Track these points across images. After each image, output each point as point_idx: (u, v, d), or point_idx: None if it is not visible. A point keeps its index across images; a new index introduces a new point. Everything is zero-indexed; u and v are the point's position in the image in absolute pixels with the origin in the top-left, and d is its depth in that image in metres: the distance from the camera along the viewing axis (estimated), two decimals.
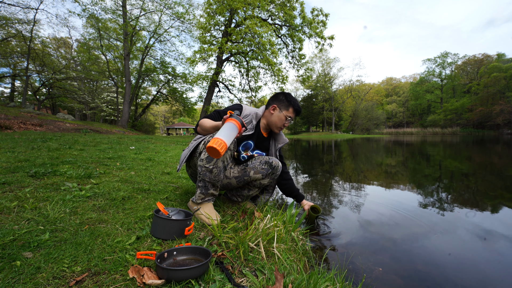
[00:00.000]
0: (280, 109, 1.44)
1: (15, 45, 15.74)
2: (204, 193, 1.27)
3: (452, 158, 6.44)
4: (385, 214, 2.05)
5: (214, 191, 1.29)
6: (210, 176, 1.23)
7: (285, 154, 8.35)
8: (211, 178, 1.23)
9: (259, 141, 1.49)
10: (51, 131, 6.93)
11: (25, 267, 0.72)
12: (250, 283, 0.78)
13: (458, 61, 43.86)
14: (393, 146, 11.72)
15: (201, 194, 1.27)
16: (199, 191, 1.28)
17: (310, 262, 1.16)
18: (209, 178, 1.23)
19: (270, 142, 1.58)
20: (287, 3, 13.02)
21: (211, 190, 1.27)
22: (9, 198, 1.22)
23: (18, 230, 0.92)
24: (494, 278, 1.18)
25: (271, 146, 1.58)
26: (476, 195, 2.71)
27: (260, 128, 1.49)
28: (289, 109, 1.44)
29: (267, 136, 1.55)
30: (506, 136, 23.59)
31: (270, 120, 1.47)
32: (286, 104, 1.44)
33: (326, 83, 44.11)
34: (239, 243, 0.96)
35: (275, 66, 12.99)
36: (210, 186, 1.26)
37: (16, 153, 2.46)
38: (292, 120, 1.48)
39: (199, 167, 1.24)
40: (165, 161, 3.16)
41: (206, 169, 1.21)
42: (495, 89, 32.56)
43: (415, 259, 1.32)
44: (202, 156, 1.23)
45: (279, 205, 2.19)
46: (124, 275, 0.74)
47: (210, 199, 1.31)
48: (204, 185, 1.26)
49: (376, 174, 4.22)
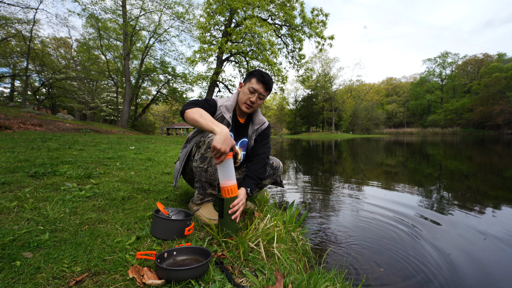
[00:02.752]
0: (245, 83, 1.34)
1: (14, 45, 15.73)
2: (202, 194, 1.27)
3: (453, 158, 6.44)
4: (385, 214, 2.05)
5: (212, 191, 1.29)
6: (206, 175, 1.21)
7: (285, 154, 8.34)
8: (207, 177, 1.22)
9: (238, 130, 1.38)
10: (51, 131, 6.93)
11: (25, 267, 0.71)
12: (250, 283, 0.78)
13: (459, 61, 43.97)
14: (393, 146, 11.71)
15: (199, 195, 1.28)
16: (197, 192, 1.28)
17: (310, 262, 1.16)
18: (205, 178, 1.22)
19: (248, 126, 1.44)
20: (287, 3, 13.01)
21: (209, 190, 1.27)
22: (9, 198, 1.21)
23: (18, 230, 0.92)
24: (494, 278, 1.18)
25: (249, 130, 1.43)
26: (476, 195, 2.71)
27: (237, 116, 1.39)
28: (251, 79, 1.29)
29: (245, 121, 1.42)
30: (506, 136, 23.64)
31: (239, 99, 1.34)
32: (248, 75, 1.32)
33: (326, 83, 44.13)
34: (239, 243, 0.96)
35: (275, 66, 12.99)
36: (207, 186, 1.26)
37: (16, 153, 2.46)
38: (260, 96, 1.30)
39: (195, 168, 1.23)
40: (165, 161, 3.16)
41: (201, 169, 1.20)
42: (496, 89, 32.62)
43: (415, 259, 1.32)
44: (196, 157, 1.22)
45: (279, 206, 2.19)
46: (124, 275, 0.74)
47: (210, 200, 1.31)
48: (201, 186, 1.25)
49: (377, 174, 4.22)
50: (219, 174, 1.05)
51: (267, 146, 1.42)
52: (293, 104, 51.28)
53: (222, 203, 1.04)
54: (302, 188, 3.11)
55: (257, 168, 1.30)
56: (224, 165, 1.02)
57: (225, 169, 1.03)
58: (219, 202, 1.05)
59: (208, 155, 1.18)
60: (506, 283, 1.13)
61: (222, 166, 1.02)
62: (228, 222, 1.03)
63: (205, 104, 1.21)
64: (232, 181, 1.05)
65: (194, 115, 1.08)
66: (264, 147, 1.39)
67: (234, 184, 1.05)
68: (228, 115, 1.29)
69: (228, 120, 1.28)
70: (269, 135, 1.45)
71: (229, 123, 1.28)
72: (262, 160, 1.33)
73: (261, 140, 1.42)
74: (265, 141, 1.42)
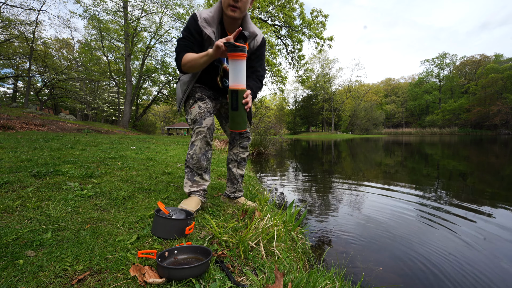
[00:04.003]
0: None
1: (17, 46, 15.82)
2: (191, 179, 1.28)
3: (451, 158, 6.43)
4: (385, 214, 2.05)
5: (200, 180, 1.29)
6: (192, 162, 1.26)
7: (285, 154, 8.33)
8: (193, 164, 1.26)
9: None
10: (53, 131, 6.96)
11: (27, 266, 0.72)
12: (250, 282, 0.79)
13: (456, 62, 44.11)
14: (392, 146, 11.69)
15: (187, 180, 1.29)
16: (185, 176, 1.30)
17: (309, 261, 1.17)
18: (191, 164, 1.27)
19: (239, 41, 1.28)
20: (286, 4, 13.04)
21: (196, 177, 1.28)
22: (11, 198, 1.23)
23: (20, 229, 0.93)
24: (493, 278, 1.18)
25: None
26: (475, 195, 2.70)
27: (226, 30, 1.24)
28: None
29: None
30: (503, 136, 23.66)
31: (223, 4, 1.18)
32: None
33: (325, 83, 44.14)
34: (239, 242, 0.97)
35: (275, 67, 13.02)
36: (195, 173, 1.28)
37: (19, 153, 2.47)
38: None
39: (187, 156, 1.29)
40: (166, 161, 3.17)
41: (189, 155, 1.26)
42: (493, 89, 32.68)
43: (415, 259, 1.33)
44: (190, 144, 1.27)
45: (279, 205, 2.20)
46: (125, 273, 0.75)
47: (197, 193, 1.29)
48: (190, 170, 1.29)
49: (375, 173, 4.22)
50: (230, 75, 1.03)
51: (263, 68, 1.32)
52: (292, 105, 51.33)
53: (236, 95, 1.03)
54: (302, 188, 3.11)
55: (255, 84, 1.25)
56: (234, 65, 0.99)
57: (236, 70, 1.00)
58: (232, 94, 1.04)
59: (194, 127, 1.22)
60: (506, 283, 1.14)
61: (233, 65, 0.99)
62: (242, 113, 1.07)
63: (190, 45, 1.17)
64: (242, 85, 1.04)
65: (187, 64, 1.14)
66: (260, 68, 1.30)
67: (243, 87, 1.04)
68: (210, 30, 1.16)
69: (209, 34, 1.16)
70: (264, 54, 1.33)
71: (210, 37, 1.16)
72: (258, 79, 1.29)
73: (256, 60, 1.30)
74: (260, 61, 1.30)
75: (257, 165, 5.53)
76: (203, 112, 1.23)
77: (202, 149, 1.26)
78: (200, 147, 1.25)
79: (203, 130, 1.22)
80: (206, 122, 1.22)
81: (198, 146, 1.24)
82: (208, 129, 1.22)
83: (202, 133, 1.22)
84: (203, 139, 1.24)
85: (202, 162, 1.27)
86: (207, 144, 1.26)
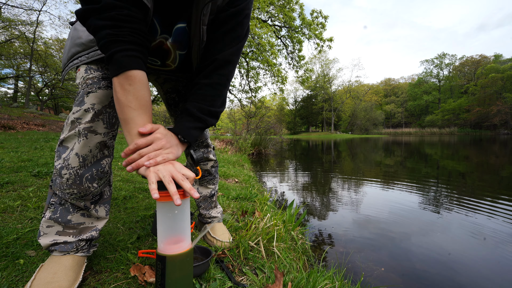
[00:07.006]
0: None
1: (18, 47, 15.83)
2: (55, 220, 0.64)
3: (450, 158, 6.43)
4: (384, 213, 2.06)
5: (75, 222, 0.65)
6: (61, 185, 0.62)
7: (285, 154, 8.32)
8: (63, 188, 0.62)
9: (167, 3, 0.60)
10: (54, 131, 6.97)
11: (28, 265, 0.73)
12: (250, 282, 0.79)
13: (456, 62, 44.28)
14: (391, 146, 11.69)
15: (49, 220, 0.64)
16: (47, 214, 0.65)
17: (309, 261, 1.17)
18: (61, 190, 0.62)
19: None
20: (286, 5, 13.07)
21: (69, 216, 0.64)
22: (12, 198, 1.23)
23: (21, 229, 0.93)
24: (493, 277, 1.18)
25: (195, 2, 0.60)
26: (475, 195, 2.71)
27: None
28: None
29: None
30: (503, 136, 23.69)
31: None
32: None
33: (325, 83, 44.20)
34: (239, 242, 0.97)
35: (274, 67, 13.04)
36: (69, 206, 0.65)
37: (19, 153, 2.48)
38: None
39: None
40: None
41: (57, 172, 0.62)
42: (492, 89, 32.77)
43: (414, 258, 1.33)
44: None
45: (278, 205, 2.20)
46: (125, 273, 0.75)
47: (59, 248, 0.64)
48: (58, 202, 0.64)
49: (375, 173, 4.22)
50: (158, 225, 0.55)
51: (239, 40, 0.65)
52: (292, 105, 51.35)
53: (162, 264, 0.54)
54: (302, 188, 3.11)
55: (207, 94, 0.63)
56: (165, 209, 0.53)
57: (170, 217, 0.53)
58: (157, 263, 0.55)
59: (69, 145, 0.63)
60: (506, 282, 1.14)
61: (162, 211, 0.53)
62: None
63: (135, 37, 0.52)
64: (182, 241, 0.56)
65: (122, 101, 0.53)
66: (231, 40, 0.64)
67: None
68: None
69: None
70: (241, 24, 0.64)
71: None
72: (222, 75, 0.64)
73: (228, 20, 0.63)
74: (231, 34, 0.64)
75: (257, 165, 5.54)
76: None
77: (88, 158, 0.63)
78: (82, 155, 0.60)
79: None
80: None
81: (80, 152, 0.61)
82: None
83: None
84: None
85: (85, 183, 0.63)
86: None
